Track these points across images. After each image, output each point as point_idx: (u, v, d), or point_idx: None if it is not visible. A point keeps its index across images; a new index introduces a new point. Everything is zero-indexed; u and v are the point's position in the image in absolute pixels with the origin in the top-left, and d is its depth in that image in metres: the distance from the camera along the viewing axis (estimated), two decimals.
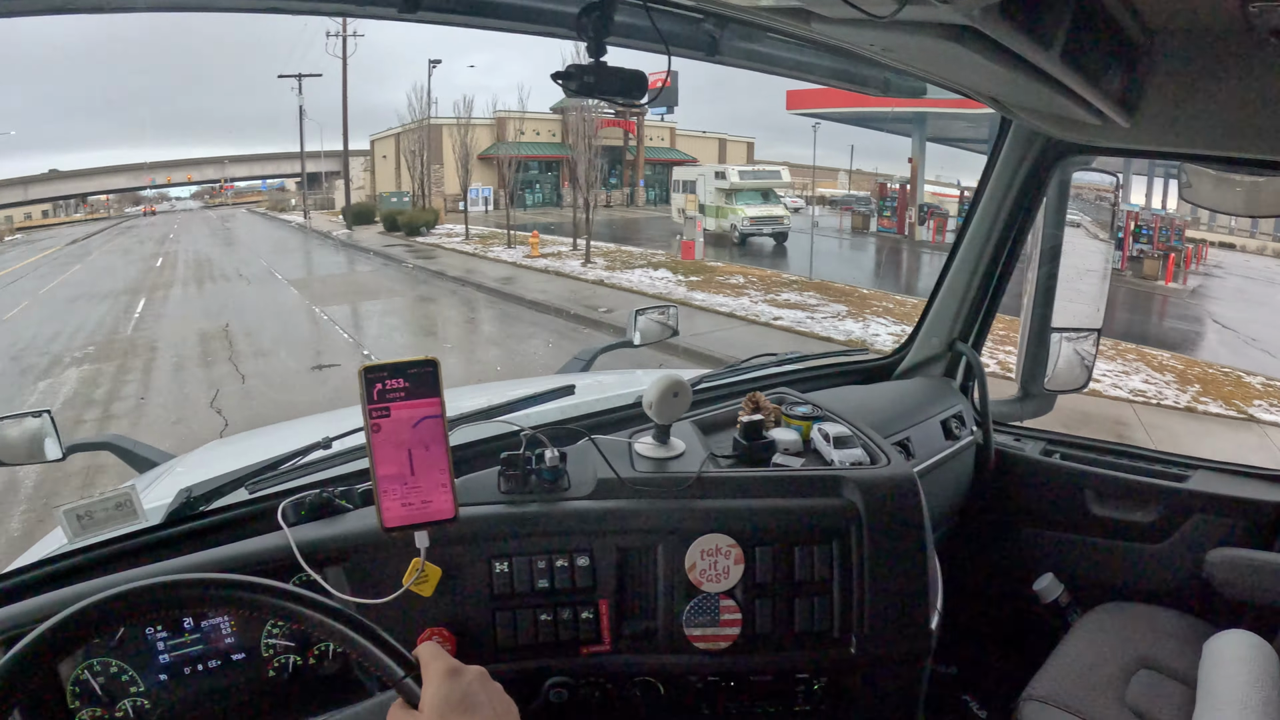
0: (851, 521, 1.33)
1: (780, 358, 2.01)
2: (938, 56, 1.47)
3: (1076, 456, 2.23)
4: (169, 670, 1.20)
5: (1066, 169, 2.19)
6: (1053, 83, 1.43)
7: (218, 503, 1.40)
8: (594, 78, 1.26)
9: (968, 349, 2.15)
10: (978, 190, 2.12)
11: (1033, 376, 2.29)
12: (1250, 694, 1.48)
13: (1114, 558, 2.14)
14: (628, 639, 1.30)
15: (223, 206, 75.64)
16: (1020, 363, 2.31)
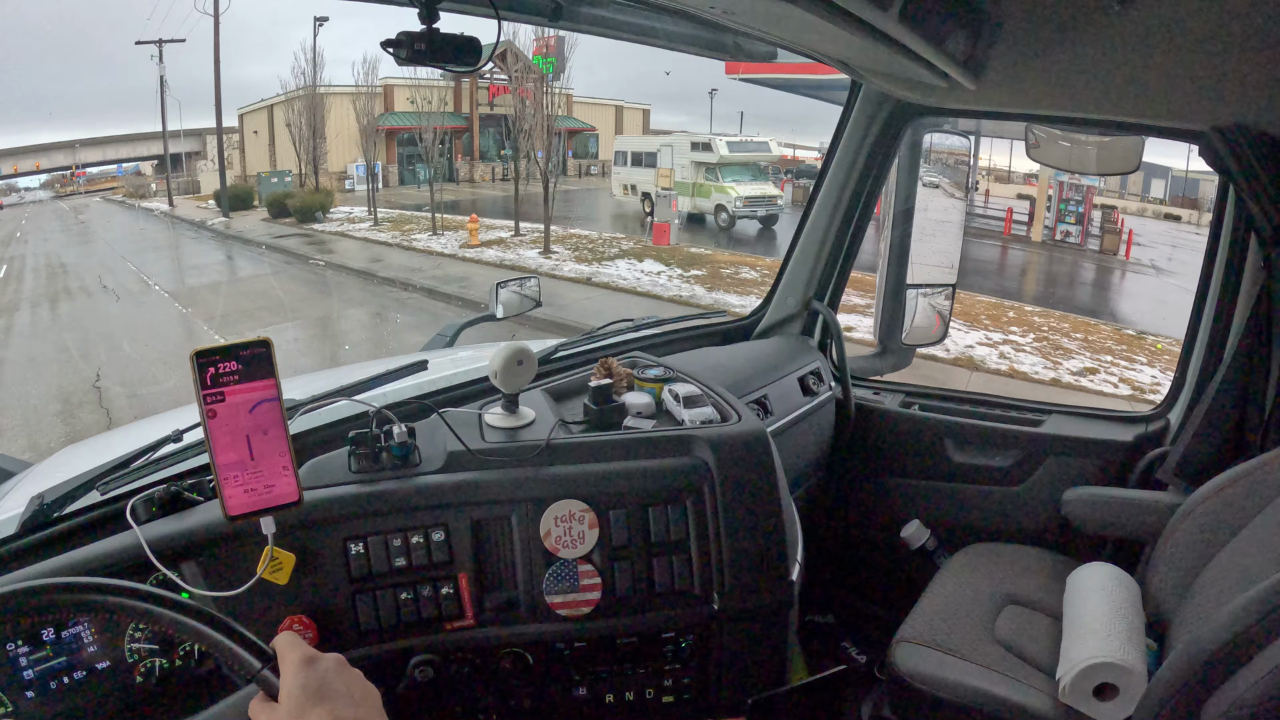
0: (704, 480, 1.37)
1: (637, 322, 2.03)
2: (778, 19, 1.50)
3: (935, 407, 2.34)
4: (34, 687, 1.14)
5: (917, 131, 2.28)
6: (895, 45, 1.47)
7: (70, 507, 1.33)
8: (425, 44, 1.23)
9: (823, 307, 2.23)
10: (828, 152, 2.20)
11: (890, 332, 2.41)
12: (1113, 621, 1.56)
13: (977, 501, 2.26)
14: (490, 611, 1.31)
15: (75, 195, 68.43)
16: (878, 319, 2.42)
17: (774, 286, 2.26)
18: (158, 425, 2.25)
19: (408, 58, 1.24)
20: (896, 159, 2.26)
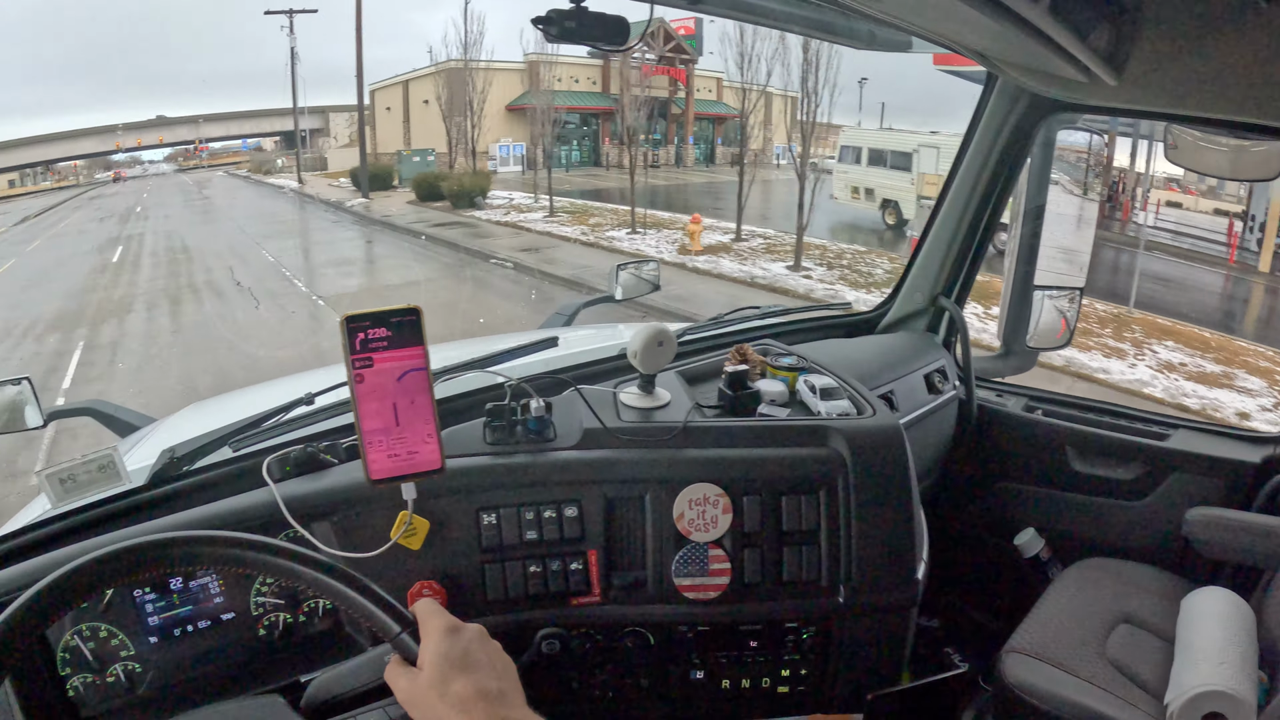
0: (838, 471, 1.36)
1: (763, 310, 2.03)
2: (925, 8, 1.48)
3: (1058, 413, 2.27)
4: (159, 633, 1.21)
5: (1052, 126, 2.20)
6: (1040, 36, 1.43)
7: (201, 462, 1.40)
8: (575, 23, 1.25)
9: (950, 304, 2.18)
10: (962, 146, 2.14)
11: (1014, 334, 2.33)
12: (1227, 649, 1.52)
13: (1094, 514, 2.19)
14: (617, 589, 1.33)
15: (198, 169, 68.59)
16: (1003, 320, 2.35)
17: (900, 281, 2.22)
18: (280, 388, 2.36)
19: (558, 35, 1.27)
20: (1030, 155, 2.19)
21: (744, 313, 2.00)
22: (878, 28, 1.84)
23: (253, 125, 65.47)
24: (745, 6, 1.69)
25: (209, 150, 74.24)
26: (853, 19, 1.77)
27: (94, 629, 1.18)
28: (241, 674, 1.22)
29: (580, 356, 1.73)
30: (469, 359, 1.54)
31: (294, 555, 0.85)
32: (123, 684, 1.19)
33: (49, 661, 1.16)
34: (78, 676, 1.17)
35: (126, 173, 73.67)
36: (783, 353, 1.64)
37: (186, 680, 1.22)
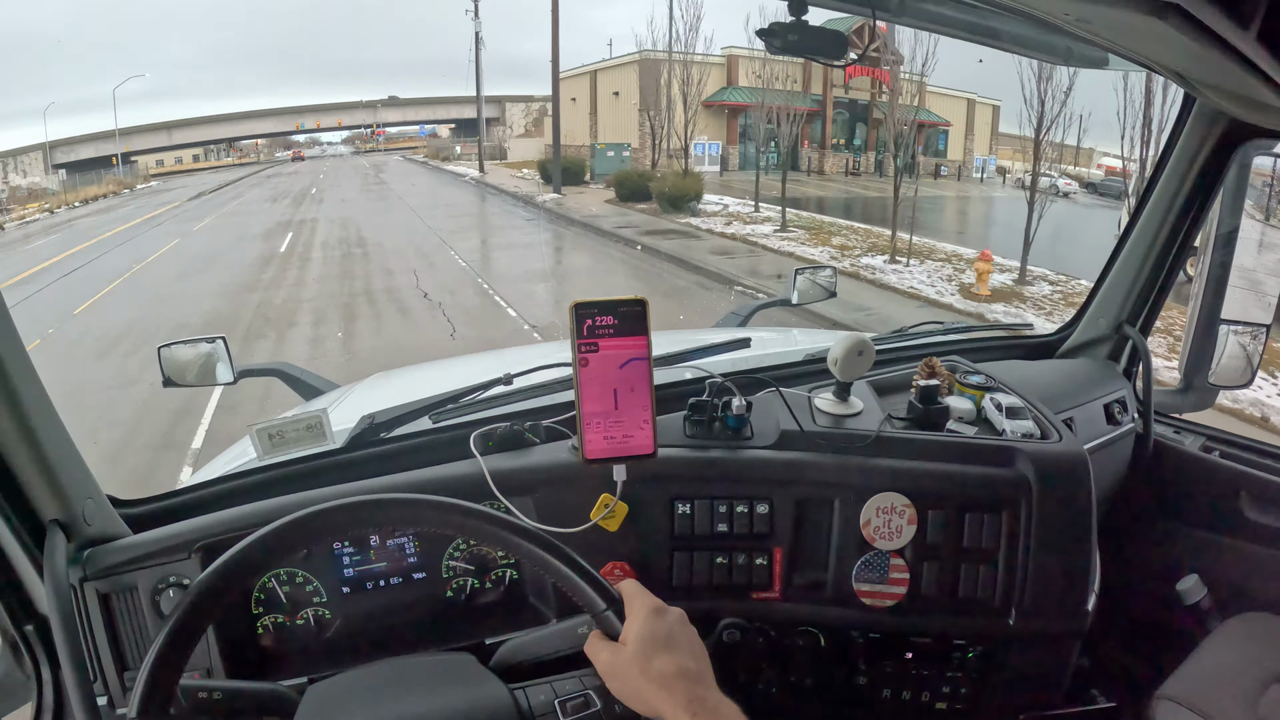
0: (1022, 493, 1.36)
1: (946, 326, 2.02)
2: (1132, 30, 1.45)
3: (1237, 456, 2.16)
4: (351, 584, 1.32)
5: (1249, 152, 2.11)
6: (1244, 62, 1.39)
7: (399, 430, 1.51)
8: (797, 36, 1.30)
9: (1135, 333, 2.11)
10: (1156, 167, 2.07)
11: (1196, 368, 2.23)
12: None
13: (1264, 567, 2.07)
14: (797, 588, 1.37)
15: (374, 153, 71.56)
16: (1185, 353, 2.25)
17: (1084, 305, 2.16)
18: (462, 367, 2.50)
19: (780, 47, 1.31)
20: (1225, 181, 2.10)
21: (927, 326, 2.00)
22: (1075, 44, 1.81)
23: (428, 112, 67.43)
24: (944, 20, 1.69)
25: (385, 135, 75.89)
26: (1051, 34, 1.75)
27: (291, 574, 1.30)
28: (425, 631, 1.32)
29: (775, 358, 1.77)
30: (663, 353, 1.60)
31: (518, 529, 0.94)
32: (311, 628, 1.31)
33: (244, 601, 1.28)
34: (269, 616, 1.29)
35: (305, 153, 75.84)
36: (970, 370, 1.65)
37: (371, 631, 1.32)
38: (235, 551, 0.88)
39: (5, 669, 1.20)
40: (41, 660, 1.18)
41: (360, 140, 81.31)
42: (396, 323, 10.08)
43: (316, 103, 69.76)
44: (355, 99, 69.94)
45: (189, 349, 1.90)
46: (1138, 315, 2.11)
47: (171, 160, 66.33)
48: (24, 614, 1.16)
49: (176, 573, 1.20)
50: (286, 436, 1.43)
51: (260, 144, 77.16)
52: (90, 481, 1.19)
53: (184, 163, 67.69)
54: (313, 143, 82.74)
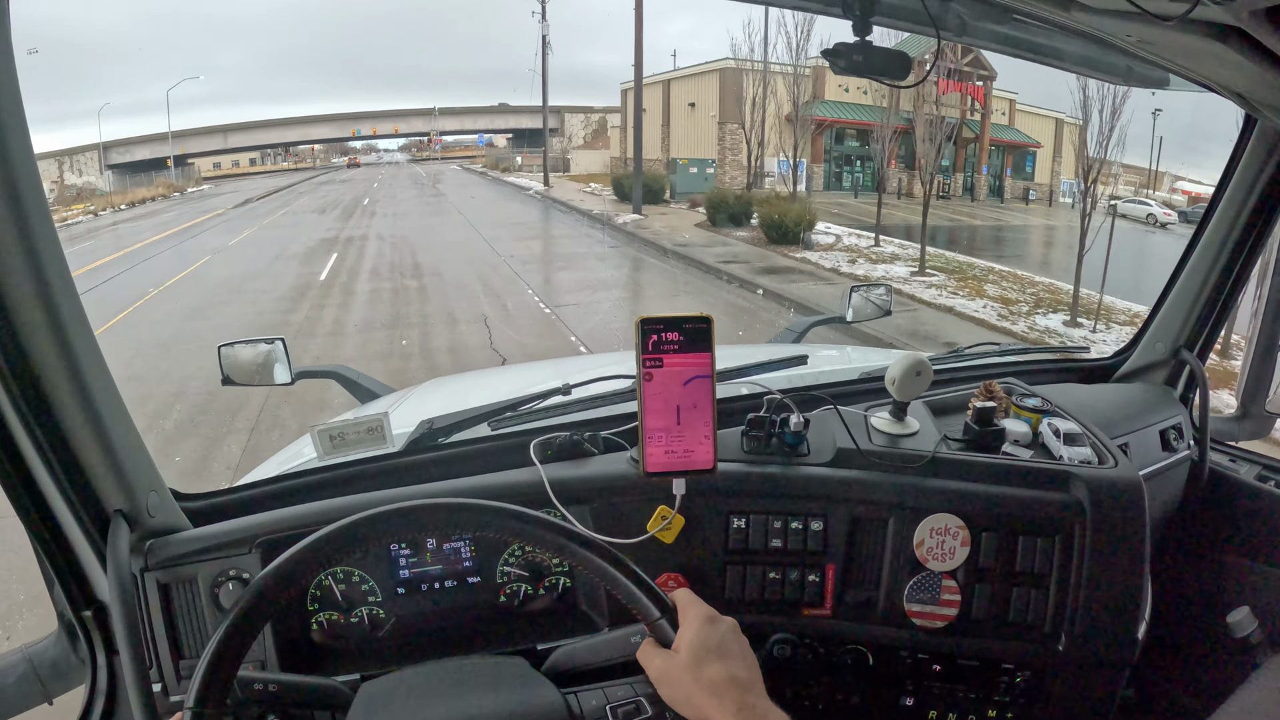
0: (1076, 518, 1.36)
1: (1002, 348, 2.02)
2: (1195, 52, 1.46)
3: None
4: (406, 585, 1.35)
5: None
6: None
7: (457, 436, 1.55)
8: (861, 56, 1.32)
9: (1192, 358, 2.09)
10: (1217, 189, 2.05)
11: (1254, 395, 2.20)
12: None
13: None
14: (848, 606, 1.38)
15: (430, 161, 71.21)
16: (1242, 379, 2.21)
17: (1142, 330, 2.14)
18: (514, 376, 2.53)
19: (845, 68, 1.33)
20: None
21: (984, 347, 2.00)
22: (1135, 64, 1.80)
23: (485, 121, 66.30)
24: (1007, 39, 1.70)
25: (441, 143, 75.27)
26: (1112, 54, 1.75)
27: (348, 573, 1.34)
28: (477, 634, 1.35)
29: (831, 375, 1.78)
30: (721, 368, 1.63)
31: (579, 537, 0.96)
32: (364, 626, 1.34)
33: (300, 596, 1.32)
34: (324, 613, 1.33)
35: (361, 159, 75.73)
36: (1026, 393, 1.65)
37: (423, 632, 1.36)
38: (301, 547, 0.91)
39: (61, 652, 1.25)
40: (98, 645, 1.22)
41: (416, 148, 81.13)
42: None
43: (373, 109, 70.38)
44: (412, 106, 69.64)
45: (249, 349, 1.96)
46: (1196, 340, 2.09)
47: (229, 163, 66.82)
48: (84, 600, 1.20)
49: (236, 567, 1.25)
50: (347, 438, 1.46)
51: (317, 149, 77.39)
52: (155, 474, 1.24)
53: (240, 166, 68.08)
54: (369, 149, 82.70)
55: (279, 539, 1.25)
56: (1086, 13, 1.35)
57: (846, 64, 1.33)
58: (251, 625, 0.89)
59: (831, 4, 1.40)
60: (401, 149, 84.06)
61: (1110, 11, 1.29)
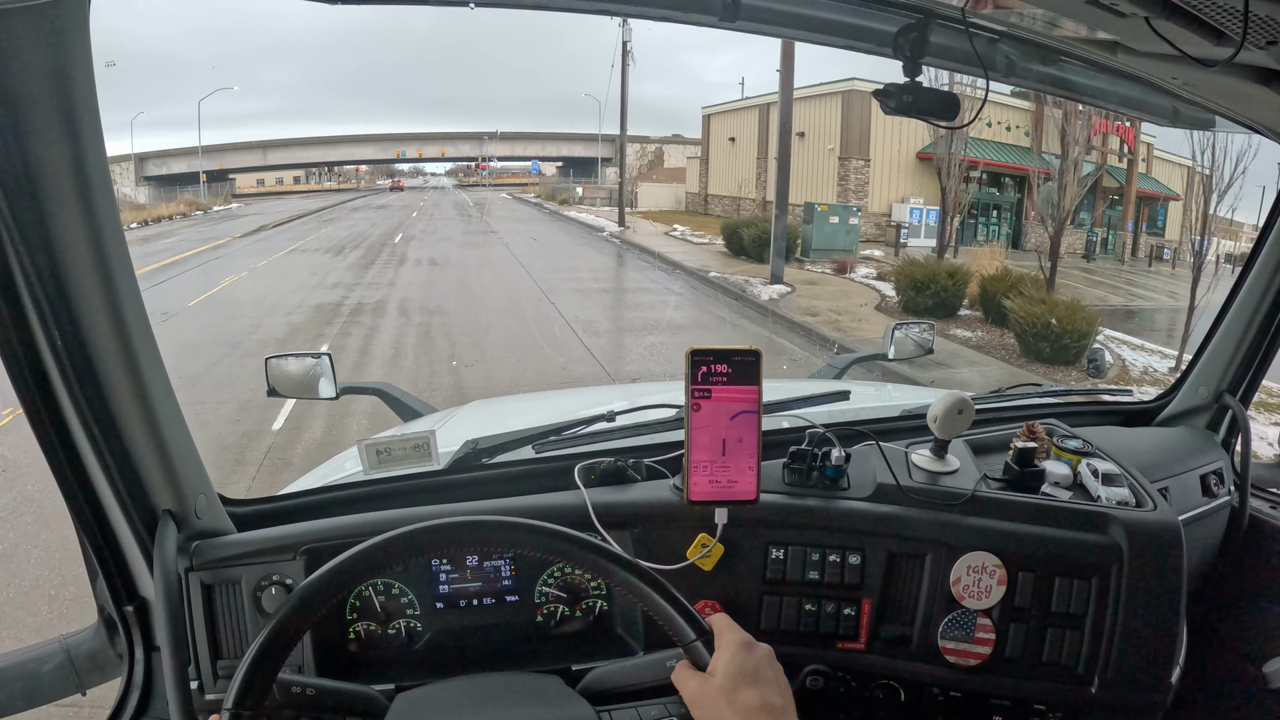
0: (1114, 560, 1.37)
1: (1044, 389, 2.03)
2: (1240, 95, 1.49)
3: None
4: (445, 600, 1.40)
5: None
6: None
7: (501, 457, 1.59)
8: (911, 97, 1.36)
9: (1235, 403, 2.09)
10: (1264, 228, 2.06)
11: None
12: None
13: None
14: (883, 641, 1.40)
15: (477, 187, 68.64)
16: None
17: (1185, 373, 2.15)
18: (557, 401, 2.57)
19: (895, 108, 1.37)
20: None
21: (1025, 388, 2.02)
22: (1182, 105, 1.83)
23: (537, 148, 63.35)
24: (1055, 81, 1.73)
25: (489, 169, 72.25)
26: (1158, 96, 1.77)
27: (388, 585, 1.39)
28: (512, 652, 1.38)
29: (872, 411, 1.81)
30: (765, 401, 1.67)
31: (621, 559, 0.99)
32: (402, 638, 1.38)
33: (339, 605, 1.36)
34: (362, 624, 1.38)
35: (405, 183, 74.51)
36: (1067, 434, 1.66)
37: (459, 647, 1.39)
38: (350, 555, 0.94)
39: (99, 645, 1.31)
40: (136, 641, 1.28)
41: (463, 173, 79.98)
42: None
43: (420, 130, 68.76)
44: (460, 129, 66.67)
45: (296, 362, 2.02)
46: (1239, 385, 2.09)
47: (273, 180, 66.55)
48: (126, 595, 1.26)
49: (280, 572, 1.30)
50: (394, 454, 1.51)
51: (362, 170, 76.48)
52: (204, 478, 1.29)
53: (285, 184, 67.63)
54: (416, 172, 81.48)
55: (324, 548, 1.30)
56: (1131, 55, 1.39)
57: (897, 104, 1.37)
58: (296, 629, 0.92)
59: (882, 45, 1.44)
60: (449, 174, 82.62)
61: (1155, 55, 1.32)
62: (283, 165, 63.11)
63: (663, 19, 1.40)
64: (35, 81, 0.92)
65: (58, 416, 1.11)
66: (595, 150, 47.85)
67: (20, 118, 0.92)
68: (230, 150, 55.25)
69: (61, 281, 1.02)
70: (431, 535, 0.98)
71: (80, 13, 0.92)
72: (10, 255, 0.99)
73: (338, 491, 1.53)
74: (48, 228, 0.99)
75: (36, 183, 0.96)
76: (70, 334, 1.05)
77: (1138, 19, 1.12)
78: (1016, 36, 1.51)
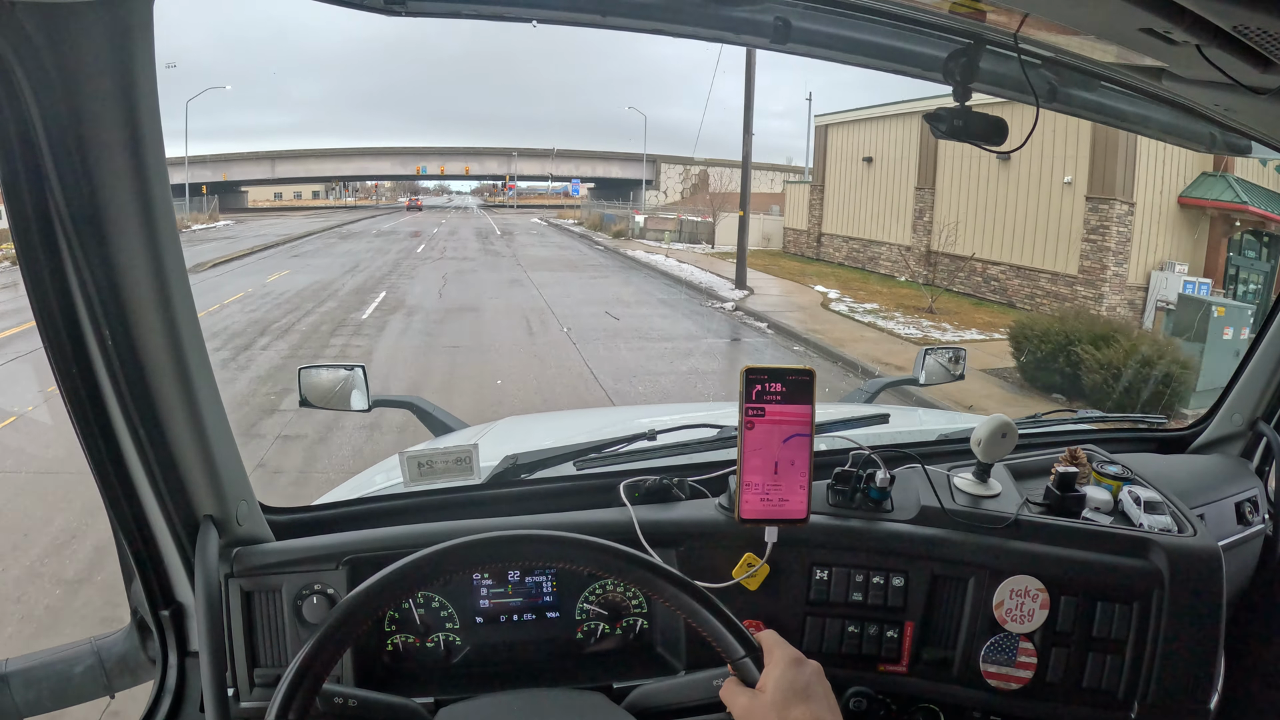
0: (1155, 586, 1.40)
1: (1080, 415, 2.06)
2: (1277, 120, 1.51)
3: None
4: (485, 615, 1.42)
5: None
6: None
7: (541, 473, 1.62)
8: (962, 121, 1.38)
9: (1270, 430, 2.11)
10: None
11: None
12: None
13: None
14: (924, 664, 1.42)
15: (504, 209, 62.18)
16: None
17: (1219, 401, 2.17)
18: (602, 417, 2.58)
19: (946, 132, 1.40)
20: None
21: (1060, 414, 2.04)
22: (1220, 132, 1.86)
23: (570, 166, 56.87)
24: (1097, 107, 1.76)
25: (516, 189, 65.00)
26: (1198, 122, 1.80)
27: (428, 598, 1.41)
28: (552, 668, 1.41)
29: (913, 435, 1.83)
30: None
31: (671, 575, 1.02)
32: (440, 652, 1.41)
33: (379, 618, 1.36)
34: (400, 635, 1.40)
35: (426, 200, 68.09)
36: (1107, 460, 1.69)
37: (498, 662, 1.42)
38: (400, 567, 0.96)
39: (131, 648, 1.33)
40: (170, 645, 1.30)
41: (489, 192, 74.08)
42: None
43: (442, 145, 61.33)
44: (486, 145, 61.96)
45: (328, 373, 2.05)
46: (1273, 412, 2.11)
47: (290, 195, 63.45)
48: (163, 599, 1.28)
49: (322, 582, 1.32)
50: (435, 466, 1.54)
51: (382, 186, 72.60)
52: (246, 485, 1.31)
53: (303, 198, 64.28)
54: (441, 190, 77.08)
55: (366, 559, 1.33)
56: (1177, 82, 1.42)
57: (948, 128, 1.40)
58: (342, 639, 0.94)
59: (932, 70, 1.47)
60: (474, 192, 78.22)
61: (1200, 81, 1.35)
62: (291, 179, 59.35)
63: (715, 40, 1.43)
64: (101, 78, 0.94)
65: (104, 419, 1.13)
66: (636, 171, 42.89)
67: (84, 114, 0.95)
68: (235, 161, 52.33)
69: (116, 284, 1.05)
70: (483, 549, 1.00)
71: (145, 10, 0.95)
72: (65, 257, 1.02)
73: (377, 503, 1.56)
74: (105, 231, 1.01)
75: (96, 183, 0.99)
76: (122, 337, 1.07)
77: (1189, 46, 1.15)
78: (1063, 62, 1.54)
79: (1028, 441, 1.88)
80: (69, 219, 0.99)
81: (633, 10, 1.34)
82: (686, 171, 43.04)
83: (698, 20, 1.38)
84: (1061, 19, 1.26)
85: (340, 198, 70.59)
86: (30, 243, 1.01)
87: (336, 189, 69.60)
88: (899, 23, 1.40)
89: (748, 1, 1.37)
